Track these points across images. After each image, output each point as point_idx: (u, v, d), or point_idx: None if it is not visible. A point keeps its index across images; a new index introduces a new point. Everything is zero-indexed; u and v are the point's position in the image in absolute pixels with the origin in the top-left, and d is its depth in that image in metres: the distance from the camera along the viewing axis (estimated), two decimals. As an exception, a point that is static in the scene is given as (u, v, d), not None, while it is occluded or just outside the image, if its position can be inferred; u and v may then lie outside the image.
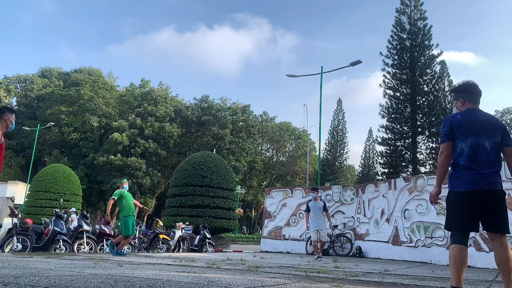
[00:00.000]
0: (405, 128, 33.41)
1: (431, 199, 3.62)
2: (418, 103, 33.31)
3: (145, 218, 48.23)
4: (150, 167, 45.01)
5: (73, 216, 15.75)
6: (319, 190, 11.83)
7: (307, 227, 11.15)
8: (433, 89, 34.10)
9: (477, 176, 3.37)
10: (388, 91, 34.30)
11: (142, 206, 9.96)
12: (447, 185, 3.60)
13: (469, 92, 3.71)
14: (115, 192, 9.75)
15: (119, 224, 9.77)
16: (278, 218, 15.55)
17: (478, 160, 3.42)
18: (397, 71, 34.04)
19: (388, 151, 33.85)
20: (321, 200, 11.10)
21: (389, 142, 33.62)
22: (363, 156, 61.53)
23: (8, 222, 10.82)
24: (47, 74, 58.92)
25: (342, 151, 58.18)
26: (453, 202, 3.46)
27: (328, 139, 58.73)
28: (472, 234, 9.57)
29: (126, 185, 9.95)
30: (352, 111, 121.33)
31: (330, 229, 11.46)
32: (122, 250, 9.92)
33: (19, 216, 13.37)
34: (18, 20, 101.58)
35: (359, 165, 62.92)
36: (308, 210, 10.78)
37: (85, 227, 11.25)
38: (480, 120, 3.54)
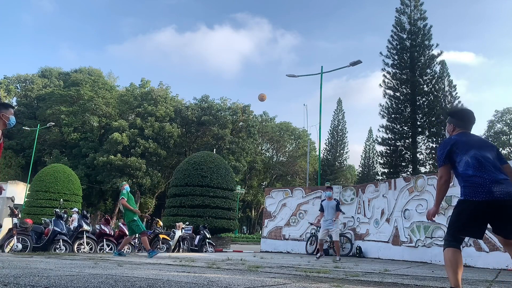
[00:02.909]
0: (405, 128, 33.43)
1: (428, 217, 3.78)
2: (418, 103, 33.32)
3: (145, 218, 48.27)
4: (150, 167, 45.01)
5: (75, 216, 15.73)
6: (333, 189, 11.77)
7: (317, 221, 10.82)
8: (433, 89, 34.09)
9: (492, 185, 3.39)
10: (388, 91, 34.32)
11: (140, 213, 9.86)
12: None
13: (462, 120, 3.81)
14: (123, 192, 9.54)
15: (128, 225, 9.59)
16: (278, 218, 15.56)
17: (486, 167, 3.47)
18: (397, 71, 34.05)
19: (388, 151, 33.86)
20: (334, 199, 10.98)
21: (389, 142, 33.63)
22: (363, 156, 61.58)
23: (8, 222, 10.82)
24: (47, 74, 58.92)
25: (342, 151, 58.20)
26: (465, 211, 3.46)
27: (328, 139, 58.77)
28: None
29: (127, 186, 9.87)
30: (352, 111, 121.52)
31: (339, 230, 11.22)
32: (122, 251, 9.92)
33: (19, 216, 13.36)
34: (18, 20, 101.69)
35: (359, 165, 63.01)
36: (322, 209, 10.66)
37: (85, 227, 11.25)
38: (475, 139, 3.69)
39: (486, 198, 3.35)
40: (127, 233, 11.78)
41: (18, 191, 34.43)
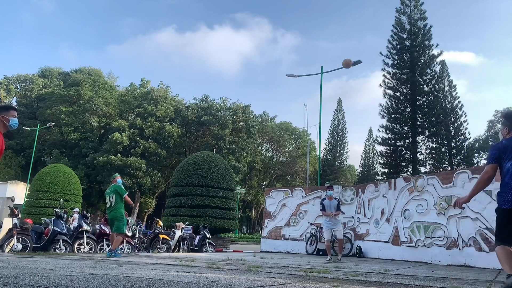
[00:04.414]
0: (405, 128, 33.44)
1: (457, 204, 4.06)
2: (418, 103, 33.33)
3: (145, 218, 48.26)
4: (150, 167, 44.97)
5: (75, 215, 15.75)
6: (334, 189, 11.63)
7: (330, 215, 10.47)
8: (433, 89, 34.11)
9: None
10: (388, 91, 34.35)
11: (131, 201, 9.55)
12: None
13: None
14: (122, 188, 9.34)
15: (115, 219, 9.23)
16: (278, 218, 15.55)
17: None
18: (397, 71, 34.07)
19: (388, 151, 33.87)
20: (335, 198, 10.88)
21: (389, 142, 33.64)
22: (363, 156, 61.58)
23: (8, 222, 10.82)
24: (47, 74, 58.85)
25: (342, 151, 58.21)
26: (498, 217, 3.80)
27: (328, 139, 58.80)
28: (472, 234, 9.59)
29: (120, 179, 9.62)
30: (352, 111, 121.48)
31: (341, 228, 11.10)
32: (119, 252, 9.83)
33: (19, 216, 13.37)
34: (18, 20, 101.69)
35: (359, 165, 63.01)
36: (323, 209, 10.50)
37: (85, 227, 11.24)
38: None
39: (509, 206, 3.61)
40: (127, 233, 11.76)
41: (18, 191, 34.44)
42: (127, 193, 9.39)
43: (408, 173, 32.21)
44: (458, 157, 35.18)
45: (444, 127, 34.63)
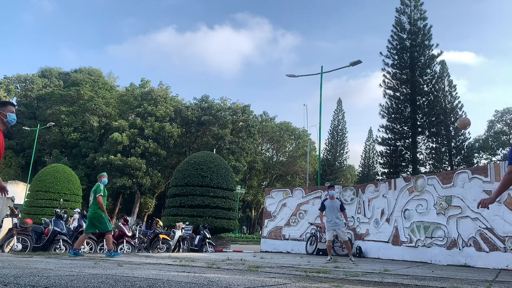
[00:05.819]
0: (405, 128, 33.45)
1: (483, 204, 3.83)
2: (418, 103, 33.34)
3: (145, 218, 48.26)
4: (150, 167, 44.99)
5: (76, 216, 15.75)
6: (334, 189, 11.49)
7: (323, 227, 10.39)
8: (433, 89, 34.11)
9: None
10: (388, 91, 34.35)
11: (102, 204, 9.31)
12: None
13: None
14: (100, 187, 9.13)
15: (90, 219, 9.07)
16: (278, 218, 15.56)
17: None
18: (397, 71, 34.07)
19: (388, 151, 33.88)
20: (337, 198, 10.58)
21: (389, 142, 33.64)
22: (363, 156, 61.59)
23: (8, 222, 10.82)
24: (47, 74, 58.86)
25: (342, 151, 58.22)
26: None
27: (328, 139, 58.81)
28: (472, 234, 9.60)
29: (105, 179, 9.45)
30: (352, 111, 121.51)
31: (346, 228, 10.95)
32: (117, 251, 9.80)
33: (19, 216, 13.37)
34: (18, 20, 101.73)
35: (359, 165, 63.02)
36: (323, 209, 10.18)
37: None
38: None
39: None
40: (127, 233, 11.77)
41: (18, 191, 34.43)
42: (101, 194, 9.06)
43: (408, 173, 32.22)
44: (458, 157, 35.19)
45: (444, 127, 34.63)
